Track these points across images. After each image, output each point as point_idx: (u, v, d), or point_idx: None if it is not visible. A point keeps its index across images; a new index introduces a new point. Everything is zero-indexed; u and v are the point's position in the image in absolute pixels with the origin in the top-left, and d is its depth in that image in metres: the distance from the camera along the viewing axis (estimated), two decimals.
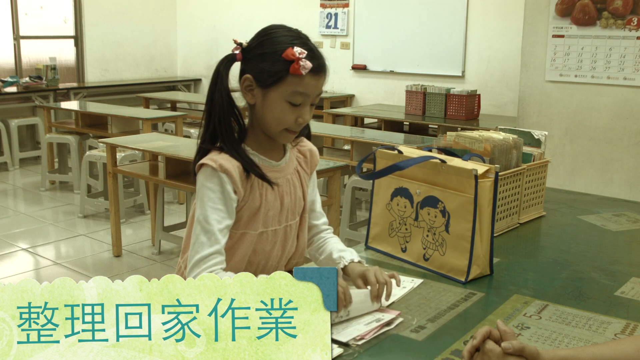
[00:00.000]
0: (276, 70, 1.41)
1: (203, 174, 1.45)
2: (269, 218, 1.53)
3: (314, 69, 1.42)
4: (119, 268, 4.27)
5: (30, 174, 6.92)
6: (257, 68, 1.43)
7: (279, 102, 1.43)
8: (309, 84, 1.43)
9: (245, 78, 1.45)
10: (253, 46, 1.45)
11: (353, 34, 7.24)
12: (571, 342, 1.34)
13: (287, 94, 1.42)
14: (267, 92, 1.44)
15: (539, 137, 2.29)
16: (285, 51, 1.39)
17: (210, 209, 1.43)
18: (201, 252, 1.41)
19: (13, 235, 4.90)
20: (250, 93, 1.46)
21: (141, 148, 4.19)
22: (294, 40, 1.43)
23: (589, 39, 4.25)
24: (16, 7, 7.58)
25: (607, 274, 1.75)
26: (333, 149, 5.09)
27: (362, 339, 1.34)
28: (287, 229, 1.59)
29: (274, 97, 1.43)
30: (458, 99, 5.51)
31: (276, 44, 1.42)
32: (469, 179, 1.63)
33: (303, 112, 1.46)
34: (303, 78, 1.41)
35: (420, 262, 1.76)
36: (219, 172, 1.43)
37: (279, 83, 1.42)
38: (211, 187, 1.43)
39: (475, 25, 6.35)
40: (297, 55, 1.39)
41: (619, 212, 2.36)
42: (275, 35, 1.44)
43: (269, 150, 1.54)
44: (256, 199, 1.49)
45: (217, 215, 1.43)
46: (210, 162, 1.43)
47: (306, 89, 1.43)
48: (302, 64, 1.39)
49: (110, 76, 8.41)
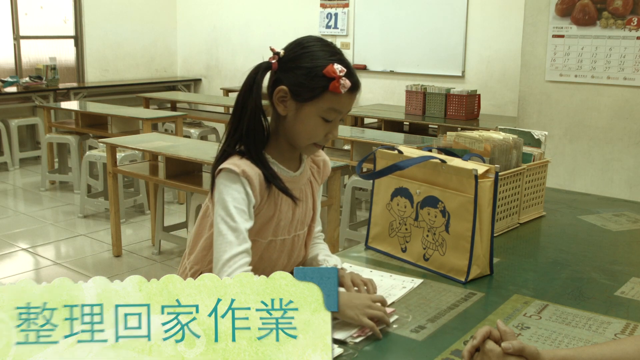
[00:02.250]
0: (315, 86, 1.40)
1: (225, 177, 1.44)
2: (280, 228, 1.53)
3: (352, 88, 1.42)
4: (119, 268, 4.27)
5: (30, 174, 6.92)
6: (294, 81, 1.42)
7: (313, 117, 1.43)
8: (345, 102, 1.43)
9: (280, 89, 1.43)
10: (290, 58, 1.43)
11: (353, 34, 7.24)
12: (571, 342, 1.34)
13: (323, 110, 1.42)
14: (302, 106, 1.42)
15: (539, 137, 2.29)
16: (327, 68, 1.38)
17: (235, 208, 1.41)
18: (230, 251, 1.39)
19: (13, 235, 4.90)
20: (283, 104, 1.44)
21: (141, 148, 4.19)
22: (332, 57, 1.42)
23: (589, 39, 4.25)
24: (16, 7, 7.58)
25: (607, 274, 1.74)
26: (333, 149, 5.09)
27: (359, 336, 1.34)
28: (295, 238, 1.59)
29: (309, 111, 1.43)
30: (458, 99, 5.51)
31: (316, 59, 1.40)
32: (469, 179, 1.63)
33: (333, 128, 1.46)
34: (341, 96, 1.41)
35: (420, 262, 1.76)
36: (242, 177, 1.42)
37: (316, 99, 1.41)
38: (235, 188, 1.42)
39: (475, 25, 6.35)
40: (338, 73, 1.38)
41: (619, 212, 2.36)
42: (313, 49, 1.43)
43: (287, 159, 1.53)
44: (271, 209, 1.49)
45: (242, 216, 1.42)
46: (233, 167, 1.42)
47: (342, 107, 1.43)
48: (343, 83, 1.39)
49: (110, 76, 8.41)
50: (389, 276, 1.68)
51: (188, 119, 6.83)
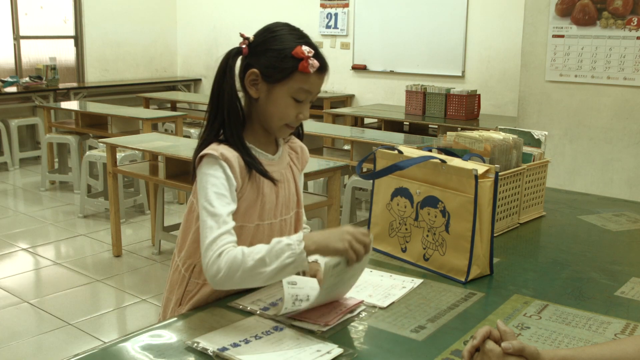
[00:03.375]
0: (285, 67, 1.45)
1: (205, 164, 1.47)
2: (265, 211, 1.54)
3: (320, 68, 1.48)
4: (119, 268, 4.27)
5: (30, 174, 6.93)
6: (265, 64, 1.47)
7: (284, 98, 1.48)
8: (314, 82, 1.49)
9: (252, 72, 1.48)
10: (260, 42, 1.49)
11: (353, 34, 7.24)
12: (571, 342, 1.34)
13: (293, 91, 1.47)
14: (273, 87, 1.48)
15: (539, 137, 2.29)
16: (295, 49, 1.45)
17: (214, 194, 1.43)
18: (211, 235, 1.40)
19: (13, 235, 4.90)
20: (255, 87, 1.49)
21: (141, 148, 4.19)
22: (299, 39, 1.48)
23: (589, 39, 4.25)
24: (16, 7, 7.58)
25: (607, 274, 1.74)
26: (333, 149, 5.09)
27: (326, 325, 1.36)
28: (283, 223, 1.60)
29: (280, 92, 1.48)
30: (458, 99, 5.51)
31: (285, 42, 1.46)
32: (469, 179, 1.63)
33: (304, 109, 1.52)
34: (309, 76, 1.47)
35: (420, 262, 1.76)
36: (220, 160, 1.45)
37: (286, 79, 1.46)
38: (214, 174, 1.44)
39: (475, 25, 6.35)
40: (306, 53, 1.45)
41: (619, 212, 2.36)
42: (281, 32, 1.49)
43: (264, 144, 1.57)
44: (254, 192, 1.51)
45: (222, 201, 1.43)
46: (211, 151, 1.45)
47: (311, 87, 1.49)
48: (311, 62, 1.45)
49: (110, 76, 8.41)
50: (389, 276, 1.68)
51: (188, 119, 6.83)
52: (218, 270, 1.35)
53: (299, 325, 1.36)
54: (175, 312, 1.56)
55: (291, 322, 1.38)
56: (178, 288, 1.57)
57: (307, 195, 3.86)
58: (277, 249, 1.33)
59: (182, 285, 1.56)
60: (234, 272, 1.34)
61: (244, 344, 1.28)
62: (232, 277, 1.35)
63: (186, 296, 1.55)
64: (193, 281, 1.55)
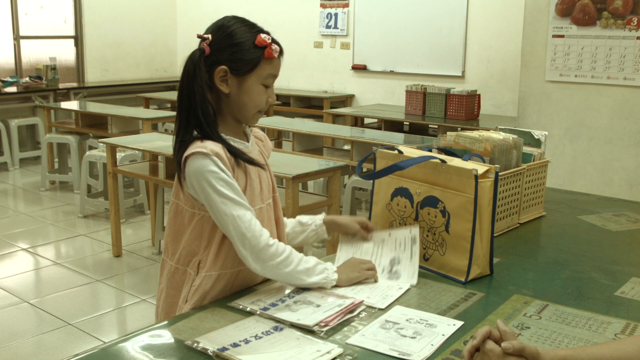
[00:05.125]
0: (251, 58, 1.52)
1: (196, 162, 1.48)
2: (255, 196, 1.58)
3: (280, 51, 1.57)
4: (119, 268, 4.27)
5: (30, 174, 6.93)
6: (230, 58, 1.52)
7: (255, 86, 1.55)
8: (277, 65, 1.58)
9: (220, 69, 1.52)
10: (220, 39, 1.54)
11: (353, 34, 7.24)
12: (571, 342, 1.34)
13: (263, 77, 1.55)
14: (244, 79, 1.53)
15: (539, 137, 2.29)
16: (257, 39, 1.52)
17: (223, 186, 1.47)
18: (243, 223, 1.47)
19: (13, 235, 4.90)
20: (225, 83, 1.54)
21: (141, 148, 4.19)
22: (254, 29, 1.55)
23: (589, 39, 4.25)
24: (16, 7, 7.58)
25: (607, 274, 1.74)
26: (333, 149, 5.09)
27: (326, 325, 1.37)
28: (269, 207, 1.65)
29: (251, 82, 1.54)
30: (458, 99, 5.51)
31: (244, 34, 1.53)
32: (469, 179, 1.63)
33: (271, 93, 1.59)
34: (274, 60, 1.55)
35: (420, 262, 1.76)
36: (212, 155, 1.47)
37: (255, 69, 1.53)
38: (212, 169, 1.47)
39: (475, 25, 6.35)
40: (267, 41, 1.53)
41: (619, 212, 2.36)
42: (237, 26, 1.55)
43: (237, 134, 1.62)
44: (242, 179, 1.55)
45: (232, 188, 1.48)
46: (200, 149, 1.48)
47: (276, 71, 1.58)
48: (274, 48, 1.54)
49: (110, 76, 8.41)
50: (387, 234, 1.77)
51: None
52: (274, 255, 1.49)
53: (299, 325, 1.36)
54: (182, 310, 1.55)
55: (291, 322, 1.38)
56: (184, 287, 1.57)
57: (307, 195, 3.86)
58: (318, 268, 1.55)
59: (188, 283, 1.56)
60: (285, 266, 1.50)
61: (244, 344, 1.28)
62: (282, 269, 1.50)
63: (190, 292, 1.55)
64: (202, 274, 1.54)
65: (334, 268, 1.58)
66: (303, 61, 7.59)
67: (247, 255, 1.48)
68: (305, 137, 4.93)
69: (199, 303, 1.53)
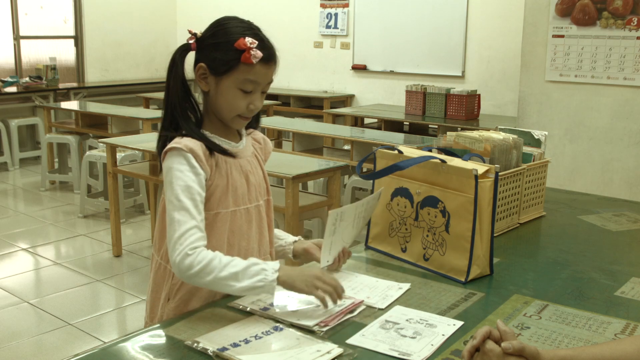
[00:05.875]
0: (228, 59, 1.48)
1: (169, 158, 1.48)
2: (238, 196, 1.56)
3: (264, 58, 1.49)
4: (119, 268, 4.27)
5: (30, 174, 6.93)
6: (210, 57, 1.50)
7: (231, 90, 1.50)
8: (260, 72, 1.50)
9: (200, 67, 1.51)
10: (207, 36, 1.52)
11: (353, 34, 7.23)
12: (571, 342, 1.34)
13: (239, 82, 1.49)
14: (220, 80, 1.50)
15: (539, 137, 2.29)
16: (237, 41, 1.47)
17: (180, 187, 1.45)
18: (179, 229, 1.42)
19: (13, 235, 4.90)
20: (204, 81, 1.52)
21: (141, 148, 4.19)
22: (246, 31, 1.50)
23: (589, 39, 4.25)
24: (16, 7, 7.58)
25: (607, 274, 1.74)
26: (333, 149, 5.09)
27: (326, 325, 1.37)
28: (260, 209, 1.63)
29: (227, 84, 1.50)
30: (458, 99, 5.51)
31: (229, 34, 1.49)
32: (469, 179, 1.63)
33: (254, 99, 1.53)
34: (254, 66, 1.48)
35: (420, 262, 1.76)
36: (184, 151, 1.46)
37: (231, 71, 1.48)
38: (179, 168, 1.46)
39: (475, 25, 6.35)
40: (248, 45, 1.46)
41: (619, 212, 2.36)
42: (228, 26, 1.52)
43: (225, 134, 1.59)
44: (223, 177, 1.53)
45: (188, 193, 1.45)
46: (174, 145, 1.47)
47: (257, 77, 1.50)
48: (253, 53, 1.46)
49: (110, 76, 8.41)
50: (374, 280, 1.65)
51: None
52: (190, 266, 1.39)
53: (299, 325, 1.36)
54: (165, 309, 1.56)
55: (291, 322, 1.38)
56: (165, 284, 1.57)
57: (307, 195, 3.86)
58: (252, 270, 1.40)
59: (169, 281, 1.56)
60: (206, 274, 1.39)
61: (244, 344, 1.28)
62: (203, 278, 1.40)
63: (172, 289, 1.55)
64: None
65: (275, 267, 1.41)
66: (303, 61, 7.59)
67: (172, 263, 1.43)
68: (305, 137, 4.93)
69: (184, 302, 1.53)
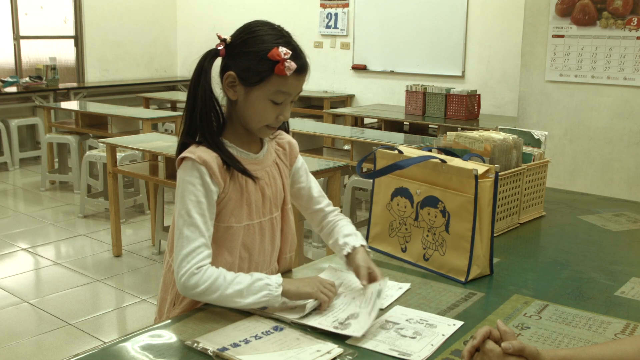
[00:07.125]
0: (261, 70, 1.42)
1: (183, 169, 1.46)
2: (252, 210, 1.53)
3: (297, 70, 1.43)
4: (119, 268, 4.27)
5: (30, 174, 6.93)
6: (241, 66, 1.44)
7: (261, 101, 1.45)
8: (292, 84, 1.45)
9: (229, 75, 1.45)
10: (237, 43, 1.45)
11: (353, 34, 7.23)
12: (571, 342, 1.34)
13: (271, 93, 1.44)
14: (251, 90, 1.44)
15: (539, 137, 2.29)
16: (271, 51, 1.40)
17: (191, 202, 1.43)
18: (187, 247, 1.41)
19: (13, 235, 4.90)
20: (233, 89, 1.47)
21: (141, 148, 4.19)
22: (278, 40, 1.43)
23: (589, 39, 4.25)
24: (16, 7, 7.58)
25: (607, 274, 1.74)
26: (333, 149, 5.09)
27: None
28: (273, 221, 1.59)
29: (257, 95, 1.44)
30: (458, 99, 5.51)
31: (260, 43, 1.42)
32: (469, 179, 1.63)
33: (284, 110, 1.48)
34: (287, 78, 1.42)
35: (420, 262, 1.76)
36: (198, 163, 1.43)
37: (263, 82, 1.43)
38: (191, 181, 1.44)
39: (475, 25, 6.35)
40: (282, 56, 1.40)
41: (619, 212, 2.36)
42: (259, 33, 1.44)
43: (246, 143, 1.55)
44: (237, 191, 1.50)
45: (199, 208, 1.43)
46: (189, 154, 1.44)
47: (289, 89, 1.45)
48: (287, 65, 1.40)
49: (110, 76, 8.41)
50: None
51: None
52: (196, 284, 1.39)
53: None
54: (170, 313, 1.55)
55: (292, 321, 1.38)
56: (172, 288, 1.56)
57: None
58: (256, 286, 1.39)
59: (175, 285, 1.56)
60: (212, 292, 1.39)
61: (244, 344, 1.28)
62: (209, 296, 1.40)
63: (178, 296, 1.54)
64: None
65: (279, 281, 1.41)
66: None
67: (177, 280, 1.42)
68: (305, 137, 4.93)
69: (189, 307, 1.52)
